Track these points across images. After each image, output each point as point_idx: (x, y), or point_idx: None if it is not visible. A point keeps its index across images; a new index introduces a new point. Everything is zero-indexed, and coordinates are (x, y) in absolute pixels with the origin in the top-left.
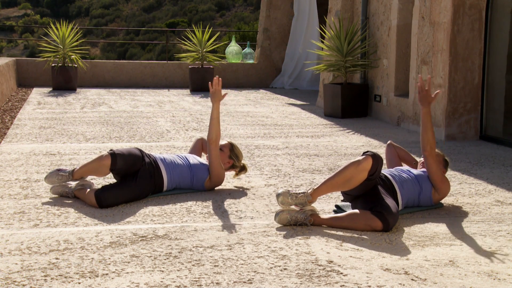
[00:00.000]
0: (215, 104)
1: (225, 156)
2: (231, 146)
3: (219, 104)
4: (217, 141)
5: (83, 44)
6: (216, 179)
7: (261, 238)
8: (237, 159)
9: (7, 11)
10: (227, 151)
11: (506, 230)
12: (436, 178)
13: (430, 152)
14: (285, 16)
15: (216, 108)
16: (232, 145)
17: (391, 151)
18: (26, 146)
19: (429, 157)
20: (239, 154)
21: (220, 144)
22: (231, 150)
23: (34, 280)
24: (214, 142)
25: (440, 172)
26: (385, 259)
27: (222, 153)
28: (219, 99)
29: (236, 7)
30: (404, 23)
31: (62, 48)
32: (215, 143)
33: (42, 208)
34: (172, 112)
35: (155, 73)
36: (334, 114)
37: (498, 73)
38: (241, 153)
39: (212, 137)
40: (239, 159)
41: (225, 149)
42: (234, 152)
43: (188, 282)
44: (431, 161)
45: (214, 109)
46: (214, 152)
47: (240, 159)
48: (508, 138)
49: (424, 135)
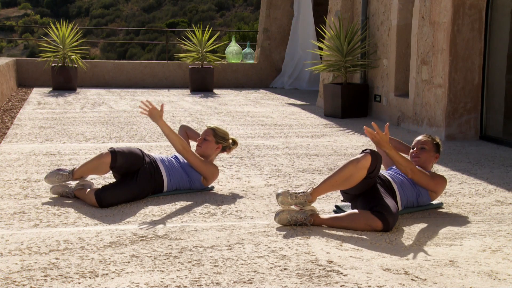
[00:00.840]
0: (159, 122)
1: (212, 144)
2: (213, 132)
3: (162, 120)
4: (186, 149)
5: (83, 44)
6: (210, 177)
7: (261, 238)
8: (224, 140)
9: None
10: (211, 139)
11: (506, 230)
12: (429, 187)
13: (413, 175)
14: (285, 16)
15: (162, 125)
16: (213, 129)
17: None
18: (26, 146)
19: (414, 177)
20: (224, 135)
21: (202, 134)
22: (214, 135)
23: (34, 280)
24: (184, 151)
25: (431, 181)
26: (385, 259)
27: (208, 142)
28: (159, 116)
29: (236, 7)
30: (404, 23)
31: (62, 48)
32: (186, 152)
33: (42, 208)
34: (172, 112)
35: (155, 73)
36: (334, 114)
37: (498, 73)
38: (226, 132)
39: (180, 149)
40: (226, 139)
41: (209, 137)
42: (219, 136)
43: (188, 282)
44: (418, 179)
45: (162, 126)
46: (192, 160)
47: (227, 138)
48: (508, 138)
49: (398, 166)
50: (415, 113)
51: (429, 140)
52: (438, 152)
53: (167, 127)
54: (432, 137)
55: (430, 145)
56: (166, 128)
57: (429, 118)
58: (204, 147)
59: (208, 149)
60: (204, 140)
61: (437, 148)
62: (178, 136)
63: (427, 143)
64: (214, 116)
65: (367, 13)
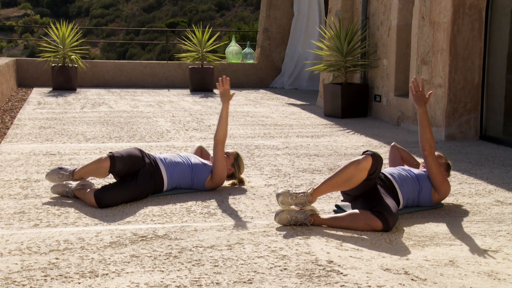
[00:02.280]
0: (224, 104)
1: (228, 163)
2: (236, 155)
3: (228, 104)
4: (224, 141)
5: (83, 44)
6: (218, 179)
7: (261, 238)
8: (238, 169)
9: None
10: (232, 159)
11: (506, 230)
12: (437, 179)
13: (430, 152)
14: (285, 16)
15: (225, 108)
16: (238, 155)
17: (394, 152)
18: (26, 146)
19: (429, 156)
20: (241, 166)
21: (227, 150)
22: (235, 158)
23: (34, 280)
24: (221, 142)
25: (440, 173)
26: (385, 259)
27: (227, 159)
28: (228, 99)
29: (236, 7)
30: (404, 23)
31: (62, 48)
32: (222, 143)
33: (42, 208)
34: (172, 112)
35: (155, 73)
36: (334, 114)
37: (498, 73)
38: (243, 166)
39: (220, 137)
40: (240, 171)
41: (230, 156)
42: (237, 162)
43: (188, 282)
44: (431, 160)
45: (224, 109)
46: (220, 152)
47: (241, 171)
48: (508, 138)
49: (422, 135)
50: (415, 113)
51: (443, 157)
52: (447, 171)
53: (227, 112)
54: (445, 156)
55: (443, 161)
56: (226, 112)
57: (429, 118)
58: None
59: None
60: (225, 155)
61: (447, 167)
62: (227, 125)
63: (440, 158)
64: (214, 116)
65: (367, 13)
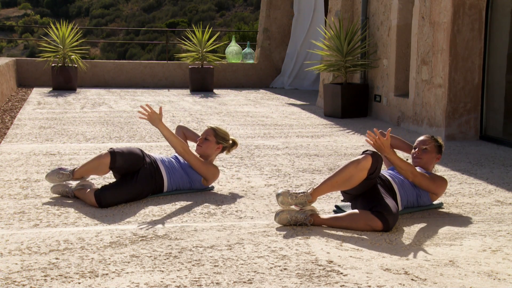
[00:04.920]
0: (159, 126)
1: (212, 144)
2: (214, 132)
3: (162, 124)
4: (187, 151)
5: (83, 44)
6: (211, 178)
7: (261, 238)
8: (224, 140)
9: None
10: (212, 138)
11: (506, 230)
12: (430, 189)
13: (414, 178)
14: (285, 16)
15: (162, 128)
16: (214, 130)
17: None
18: (26, 146)
19: (415, 180)
20: (224, 135)
21: (203, 134)
22: (215, 135)
23: (34, 280)
24: (185, 153)
25: (432, 184)
26: (385, 259)
27: (209, 142)
28: (159, 120)
29: (236, 7)
30: (404, 23)
31: (62, 48)
32: (187, 153)
33: (42, 208)
34: (172, 112)
35: (155, 73)
36: (334, 114)
37: (498, 73)
38: (226, 133)
39: (180, 151)
40: (226, 139)
41: (210, 137)
42: (219, 136)
43: (188, 282)
44: (418, 181)
45: (162, 130)
46: (193, 162)
47: (227, 138)
48: (508, 138)
49: (399, 170)
50: (415, 113)
51: (431, 141)
52: (440, 153)
53: (167, 130)
54: (434, 138)
55: (432, 146)
56: (166, 131)
57: (429, 118)
58: (205, 147)
59: (209, 149)
60: (204, 139)
61: (439, 149)
62: (178, 139)
63: (429, 144)
64: (214, 116)
65: (367, 13)
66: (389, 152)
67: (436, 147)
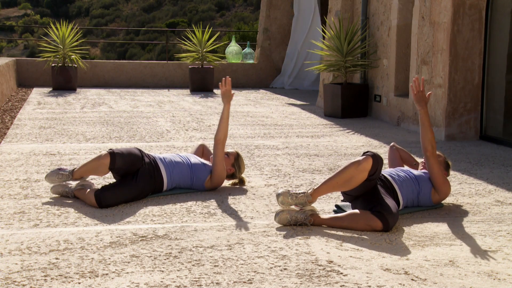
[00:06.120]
0: (226, 105)
1: (228, 163)
2: (237, 156)
3: (229, 105)
4: (224, 141)
5: (83, 44)
6: (217, 179)
7: (261, 238)
8: (239, 169)
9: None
10: (232, 159)
11: (506, 230)
12: (438, 179)
13: (432, 152)
14: (285, 16)
15: (226, 108)
16: (238, 155)
17: (393, 153)
18: (26, 146)
19: (431, 157)
20: (242, 166)
21: (227, 150)
22: (236, 159)
23: (34, 280)
24: (222, 142)
25: (441, 174)
26: (385, 259)
27: (227, 159)
28: (230, 99)
29: (236, 7)
30: (404, 23)
31: (62, 48)
32: (223, 143)
33: (42, 208)
34: (172, 112)
35: (155, 73)
36: (334, 114)
37: (498, 73)
38: (244, 166)
39: (220, 137)
40: (241, 171)
41: (231, 156)
42: (238, 162)
43: (188, 282)
44: (433, 161)
45: (225, 110)
46: (220, 153)
47: (242, 171)
48: (508, 138)
49: (424, 136)
50: (415, 113)
51: (442, 157)
52: (447, 170)
53: (228, 113)
54: (444, 156)
55: (442, 160)
56: (227, 113)
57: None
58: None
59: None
60: (225, 155)
61: (447, 165)
62: (228, 126)
63: (440, 157)
64: (214, 116)
65: (367, 13)
66: (425, 107)
67: (445, 163)
